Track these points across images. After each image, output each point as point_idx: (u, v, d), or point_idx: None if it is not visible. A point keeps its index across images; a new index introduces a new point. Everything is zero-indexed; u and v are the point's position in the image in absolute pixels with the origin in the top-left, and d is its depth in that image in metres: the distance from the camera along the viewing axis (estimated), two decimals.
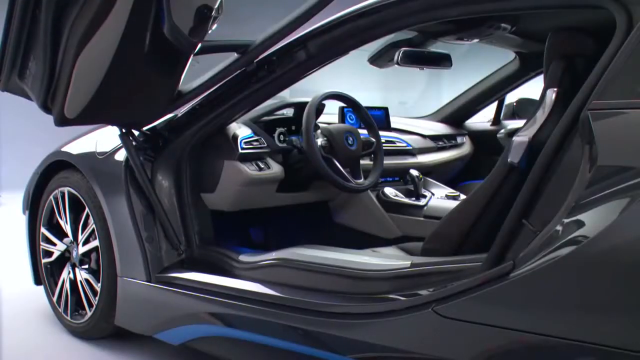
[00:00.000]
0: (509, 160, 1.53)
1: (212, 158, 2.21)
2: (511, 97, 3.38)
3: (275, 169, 2.29)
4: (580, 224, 1.19)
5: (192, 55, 1.90)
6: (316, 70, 1.99)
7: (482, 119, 3.51)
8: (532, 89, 3.18)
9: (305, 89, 2.82)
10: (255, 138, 2.26)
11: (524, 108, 3.36)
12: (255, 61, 1.96)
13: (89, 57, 1.74)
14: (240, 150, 2.17)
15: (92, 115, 1.94)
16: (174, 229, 2.16)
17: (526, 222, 1.36)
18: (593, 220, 1.17)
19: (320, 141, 2.26)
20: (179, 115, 2.19)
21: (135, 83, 1.92)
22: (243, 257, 2.03)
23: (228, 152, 2.17)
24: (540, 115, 1.55)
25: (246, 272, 1.97)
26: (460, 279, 1.43)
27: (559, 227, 1.22)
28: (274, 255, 1.93)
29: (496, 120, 3.38)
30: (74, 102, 1.85)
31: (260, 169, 2.22)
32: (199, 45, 1.85)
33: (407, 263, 1.62)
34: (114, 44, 1.72)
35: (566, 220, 1.21)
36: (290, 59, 1.92)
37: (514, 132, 3.04)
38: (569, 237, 1.19)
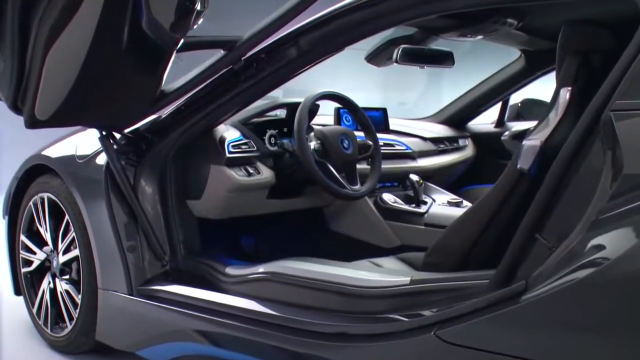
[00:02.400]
0: (518, 166, 1.40)
1: (197, 162, 2.10)
2: (515, 98, 3.25)
3: (265, 174, 2.16)
4: (602, 241, 1.05)
5: (174, 52, 1.78)
6: (309, 68, 1.88)
7: (485, 121, 3.38)
8: (535, 89, 3.09)
9: (300, 89, 2.71)
10: (244, 141, 2.14)
11: (529, 109, 3.24)
12: (242, 59, 1.84)
13: (59, 54, 1.61)
14: (228, 155, 2.06)
15: (67, 116, 1.82)
16: (157, 238, 2.06)
17: (540, 237, 1.22)
18: (617, 238, 1.04)
19: (313, 144, 2.13)
20: (163, 116, 2.08)
21: (114, 82, 1.81)
22: (230, 270, 1.91)
23: (214, 156, 2.05)
24: (553, 117, 1.42)
25: (233, 287, 1.86)
26: (465, 299, 1.31)
27: (577, 244, 1.09)
28: (262, 268, 1.81)
29: (500, 122, 3.25)
30: (46, 103, 1.72)
31: (250, 174, 2.09)
32: (182, 42, 1.73)
33: (407, 279, 1.49)
34: (87, 40, 1.59)
35: (586, 237, 1.08)
36: (281, 56, 1.81)
37: (519, 134, 2.96)
38: (590, 256, 1.06)
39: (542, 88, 3.01)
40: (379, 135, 2.45)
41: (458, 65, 2.42)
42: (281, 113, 2.47)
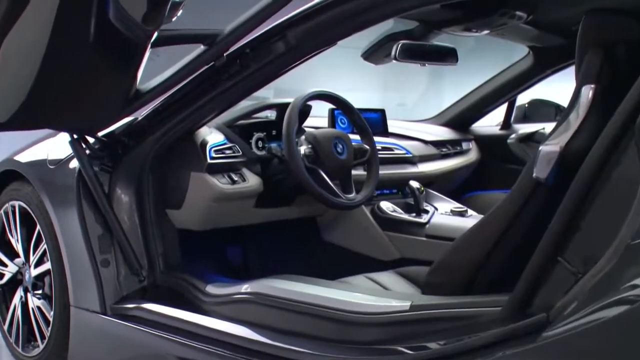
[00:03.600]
0: (534, 174, 1.22)
1: (177, 169, 1.94)
2: (522, 98, 3.07)
3: (251, 181, 1.99)
4: None
5: (148, 47, 1.61)
6: (298, 64, 1.72)
7: (490, 123, 3.21)
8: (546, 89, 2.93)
9: (292, 89, 2.53)
10: (228, 145, 1.97)
11: (536, 110, 3.06)
12: (225, 54, 1.68)
13: (14, 48, 1.44)
14: (209, 160, 1.89)
15: (29, 118, 1.66)
16: (134, 251, 1.91)
17: (563, 260, 1.04)
18: None
19: (303, 149, 1.95)
20: (140, 118, 1.92)
21: (81, 81, 1.65)
22: (211, 288, 1.74)
23: (195, 162, 1.89)
24: (574, 119, 1.23)
25: (214, 307, 1.69)
26: (474, 330, 1.14)
27: (610, 272, 0.91)
28: (246, 288, 1.64)
29: (506, 124, 3.06)
30: (3, 104, 1.55)
31: (234, 182, 1.92)
32: (155, 35, 1.56)
33: (406, 304, 1.31)
34: (44, 32, 1.42)
35: (620, 263, 0.90)
36: (267, 51, 1.65)
37: (526, 137, 2.80)
38: (627, 289, 0.87)
39: (550, 87, 2.89)
40: (376, 139, 2.28)
41: (461, 64, 2.28)
42: (272, 115, 2.31)
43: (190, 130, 1.90)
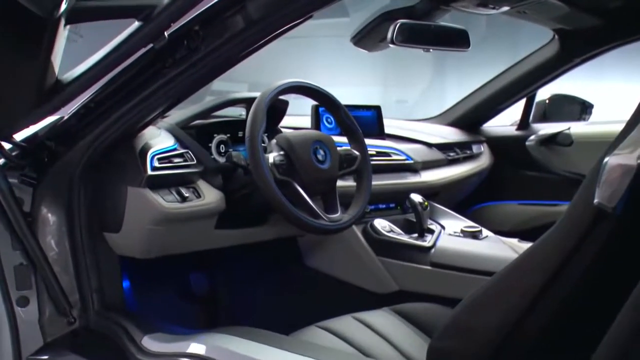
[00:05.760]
0: (595, 200, 0.82)
1: (113, 182, 1.58)
2: (542, 93, 2.72)
3: (209, 197, 1.61)
4: None
5: (62, 24, 1.24)
6: (263, 45, 1.37)
7: (504, 122, 2.86)
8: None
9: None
10: (179, 152, 1.59)
11: (558, 108, 2.73)
12: (166, 33, 1.31)
13: None
14: (150, 172, 1.51)
15: None
16: (61, 287, 1.55)
17: None
18: None
19: (273, 156, 1.55)
20: (67, 117, 1.55)
21: None
22: (148, 342, 1.37)
23: (132, 174, 1.52)
24: None
25: None
26: None
27: None
28: (188, 347, 1.26)
29: (524, 124, 2.70)
30: None
31: (184, 199, 1.55)
32: (64, 6, 1.18)
33: None
34: None
35: None
36: (222, 28, 1.31)
37: (548, 139, 2.46)
38: None
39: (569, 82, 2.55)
40: (370, 142, 1.93)
41: (470, 57, 2.02)
42: (244, 113, 1.93)
43: (130, 131, 1.52)
